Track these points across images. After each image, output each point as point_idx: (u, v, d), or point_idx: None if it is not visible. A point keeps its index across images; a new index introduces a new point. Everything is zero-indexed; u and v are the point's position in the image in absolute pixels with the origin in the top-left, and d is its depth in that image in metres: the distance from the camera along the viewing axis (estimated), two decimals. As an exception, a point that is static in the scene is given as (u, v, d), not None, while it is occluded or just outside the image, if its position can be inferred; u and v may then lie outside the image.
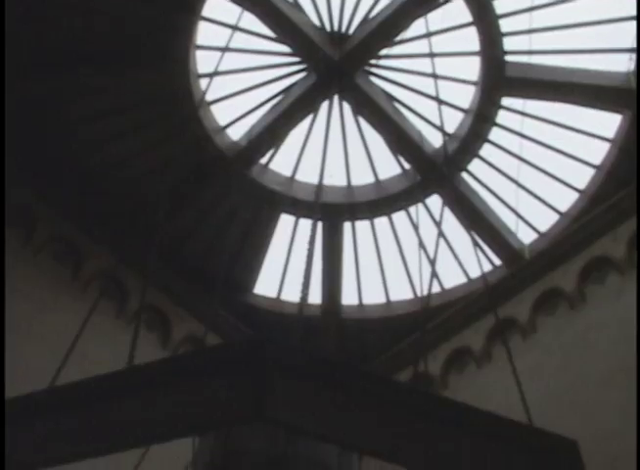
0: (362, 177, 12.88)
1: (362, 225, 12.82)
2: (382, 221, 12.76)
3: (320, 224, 12.48)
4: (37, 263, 11.07)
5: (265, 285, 13.18)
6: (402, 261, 12.71)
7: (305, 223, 12.72)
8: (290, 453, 3.43)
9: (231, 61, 11.84)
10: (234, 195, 12.23)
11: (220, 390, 2.98)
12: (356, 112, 12.32)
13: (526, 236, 12.21)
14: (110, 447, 3.34)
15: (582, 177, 11.74)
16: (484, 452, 3.13)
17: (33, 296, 10.67)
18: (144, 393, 3.10)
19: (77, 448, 3.38)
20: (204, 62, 11.77)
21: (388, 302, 12.97)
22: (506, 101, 11.83)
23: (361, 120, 12.36)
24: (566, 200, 11.91)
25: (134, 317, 11.41)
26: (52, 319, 10.55)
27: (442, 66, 11.63)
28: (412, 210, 12.52)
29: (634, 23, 10.68)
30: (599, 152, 11.57)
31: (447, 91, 11.69)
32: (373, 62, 12.14)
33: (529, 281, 11.54)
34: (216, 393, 3.00)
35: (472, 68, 11.85)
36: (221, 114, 12.37)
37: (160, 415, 3.17)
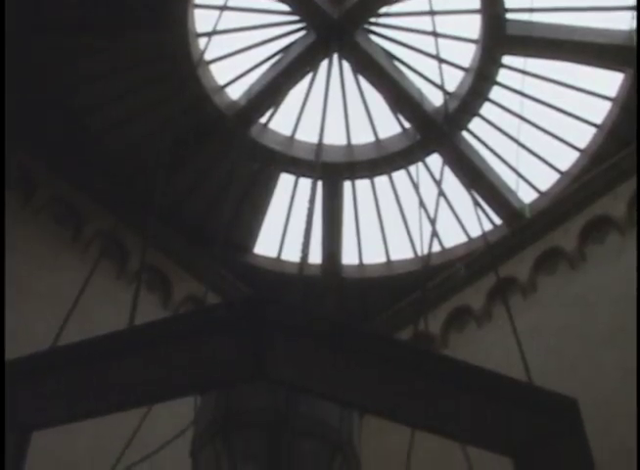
0: (362, 136, 12.85)
1: (362, 184, 12.80)
2: (382, 180, 12.73)
3: (320, 183, 12.46)
4: (37, 224, 11.06)
5: (265, 245, 13.20)
6: (403, 221, 12.70)
7: (305, 183, 12.70)
8: (291, 412, 3.45)
9: (230, 20, 11.76)
10: (233, 154, 12.18)
11: (220, 349, 2.99)
12: (356, 70, 12.24)
13: (527, 195, 12.20)
14: (111, 407, 3.35)
15: (583, 136, 11.70)
16: (484, 410, 3.15)
17: (34, 256, 10.68)
18: (144, 352, 3.10)
19: (79, 409, 3.39)
20: (202, 21, 11.71)
21: (389, 261, 12.97)
22: (507, 59, 11.75)
23: (361, 79, 12.28)
24: (566, 159, 11.88)
25: (135, 277, 11.43)
26: (53, 280, 10.57)
27: (443, 24, 11.53)
28: (412, 169, 12.48)
29: (637, -20, 10.58)
30: (600, 111, 11.52)
31: (448, 49, 11.61)
32: (372, 20, 12.03)
33: (530, 240, 11.55)
34: (217, 352, 3.00)
35: (472, 26, 11.76)
36: (220, 73, 12.30)
37: (160, 375, 3.18)
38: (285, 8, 11.92)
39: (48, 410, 3.39)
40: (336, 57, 12.13)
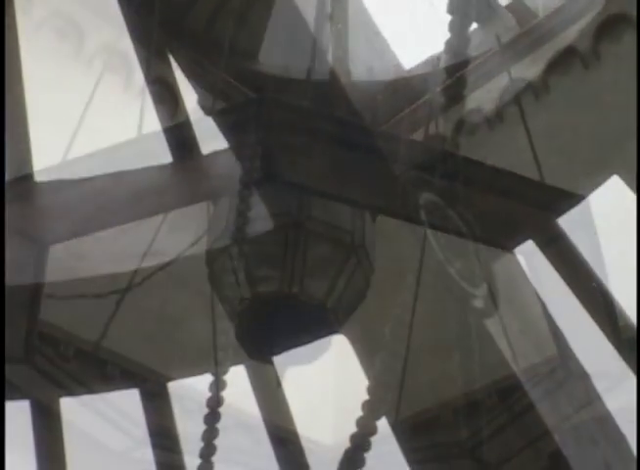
0: None
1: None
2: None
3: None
4: (38, 42, 10.84)
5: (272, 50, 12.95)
6: (413, 21, 12.43)
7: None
8: (303, 216, 3.47)
9: None
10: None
11: (230, 153, 2.97)
12: None
13: (540, -7, 11.84)
14: (124, 219, 3.38)
15: None
16: (498, 208, 3.17)
17: (37, 75, 10.51)
18: (157, 160, 3.09)
19: (92, 221, 3.42)
20: None
21: (399, 63, 12.77)
22: None
23: None
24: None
25: (141, 91, 11.30)
26: (58, 99, 10.45)
27: None
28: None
29: None
30: None
31: None
32: None
33: (542, 40, 11.29)
34: (226, 156, 2.99)
35: None
36: None
37: (172, 183, 3.18)
38: None
39: (63, 224, 3.43)
40: None
